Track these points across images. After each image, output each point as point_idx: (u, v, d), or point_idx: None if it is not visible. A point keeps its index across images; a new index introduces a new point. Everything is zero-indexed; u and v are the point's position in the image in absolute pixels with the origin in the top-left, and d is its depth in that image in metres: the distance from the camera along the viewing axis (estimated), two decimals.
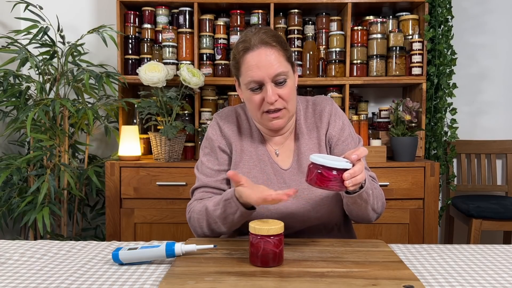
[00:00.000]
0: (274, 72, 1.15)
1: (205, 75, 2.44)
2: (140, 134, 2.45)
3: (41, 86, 2.25)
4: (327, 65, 2.50)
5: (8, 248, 1.14)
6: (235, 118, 1.32)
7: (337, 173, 0.95)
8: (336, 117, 1.28)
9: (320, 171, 0.96)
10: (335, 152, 1.27)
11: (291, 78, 1.20)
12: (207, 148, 1.31)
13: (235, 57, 1.22)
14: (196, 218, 1.22)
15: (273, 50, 1.17)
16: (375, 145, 2.34)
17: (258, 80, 1.16)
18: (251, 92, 1.19)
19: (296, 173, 1.25)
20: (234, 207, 1.10)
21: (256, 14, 2.48)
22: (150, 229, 2.25)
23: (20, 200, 2.22)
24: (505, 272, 0.98)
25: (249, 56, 1.17)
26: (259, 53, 1.16)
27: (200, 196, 1.27)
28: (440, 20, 2.43)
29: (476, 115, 2.83)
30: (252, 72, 1.16)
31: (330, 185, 0.96)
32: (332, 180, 0.95)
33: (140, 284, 0.91)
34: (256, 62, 1.16)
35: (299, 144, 1.27)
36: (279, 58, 1.17)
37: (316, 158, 0.96)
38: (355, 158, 0.97)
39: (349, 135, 1.28)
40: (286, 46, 1.21)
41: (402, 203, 2.24)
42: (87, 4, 2.78)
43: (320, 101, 1.31)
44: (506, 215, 2.31)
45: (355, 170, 0.96)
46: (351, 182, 0.96)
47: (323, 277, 0.89)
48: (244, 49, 1.18)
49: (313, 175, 0.97)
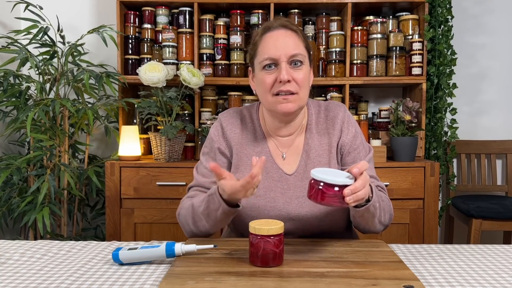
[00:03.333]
0: (291, 52, 1.15)
1: (205, 75, 2.44)
2: (140, 134, 2.45)
3: (41, 86, 2.25)
4: (327, 65, 2.50)
5: (8, 248, 1.14)
6: (240, 120, 1.30)
7: (338, 189, 0.93)
8: (349, 125, 1.27)
9: (321, 187, 0.94)
10: (346, 160, 1.26)
11: (306, 65, 1.19)
12: (206, 147, 1.31)
13: (254, 39, 1.22)
14: (183, 214, 1.21)
15: (293, 33, 1.18)
16: (375, 145, 2.34)
17: (274, 58, 1.15)
18: (264, 71, 1.17)
19: (301, 179, 1.23)
20: (217, 203, 1.08)
21: (256, 14, 2.48)
22: (150, 229, 2.25)
23: (20, 200, 2.22)
24: (505, 272, 0.98)
25: (268, 36, 1.18)
26: (278, 33, 1.18)
27: (192, 194, 1.26)
28: (440, 20, 2.43)
29: (476, 115, 2.83)
30: (269, 50, 1.16)
31: (331, 202, 0.94)
32: (333, 196, 0.93)
33: (140, 284, 0.91)
34: (274, 41, 1.17)
35: (308, 148, 1.25)
36: (297, 42, 1.18)
37: (317, 174, 0.94)
38: (356, 172, 0.95)
39: (361, 143, 1.27)
40: (305, 38, 1.22)
41: (402, 203, 2.24)
42: (87, 4, 2.78)
43: (333, 107, 1.29)
44: (506, 215, 2.31)
45: (356, 186, 0.94)
46: (352, 198, 0.93)
47: (323, 277, 0.89)
48: (264, 30, 1.19)
49: (313, 191, 0.95)
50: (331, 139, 1.26)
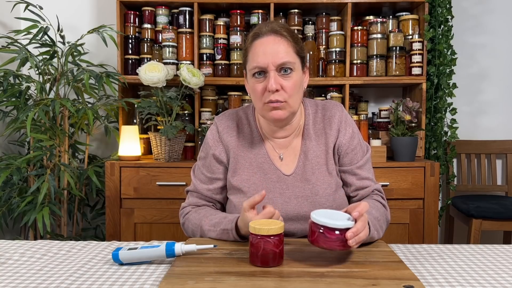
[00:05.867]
0: (279, 60, 1.13)
1: (205, 75, 2.44)
2: (140, 134, 2.45)
3: (41, 86, 2.25)
4: (327, 65, 2.50)
5: (8, 248, 1.14)
6: (236, 123, 1.29)
7: (339, 233, 0.93)
8: (346, 125, 1.26)
9: (322, 230, 0.93)
10: (344, 161, 1.26)
11: (297, 72, 1.17)
12: (203, 152, 1.31)
13: (245, 45, 1.22)
14: (191, 229, 1.24)
15: (282, 39, 1.16)
16: (375, 145, 2.34)
17: (262, 66, 1.14)
18: (255, 79, 1.17)
19: (299, 179, 1.23)
20: (231, 237, 1.12)
21: (256, 14, 2.48)
22: (150, 229, 2.25)
23: (20, 200, 2.22)
24: (505, 272, 0.98)
25: (257, 43, 1.16)
26: (267, 40, 1.16)
27: (194, 202, 1.29)
28: (440, 20, 2.43)
29: (476, 115, 2.83)
30: (258, 58, 1.15)
31: (334, 246, 0.93)
32: (336, 240, 0.93)
33: (140, 284, 0.91)
34: (263, 49, 1.15)
35: (306, 148, 1.25)
36: (287, 49, 1.15)
37: (317, 217, 0.94)
38: (356, 215, 0.95)
39: (358, 143, 1.27)
40: (297, 40, 1.19)
41: (402, 203, 2.24)
42: (87, 4, 2.78)
43: (330, 106, 1.29)
44: (506, 215, 2.31)
45: (357, 228, 0.94)
46: (354, 241, 0.93)
47: (323, 277, 0.89)
48: (254, 36, 1.18)
49: (315, 236, 0.94)
50: (328, 139, 1.26)
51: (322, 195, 1.21)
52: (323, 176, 1.23)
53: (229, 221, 1.12)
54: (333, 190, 1.23)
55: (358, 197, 1.26)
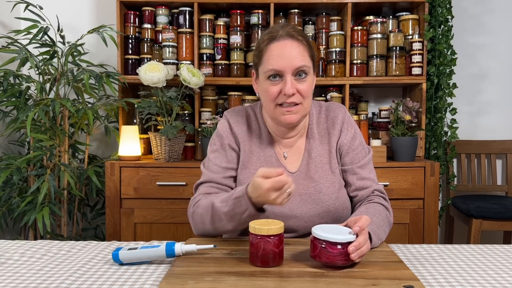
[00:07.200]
0: (296, 64, 1.15)
1: (205, 75, 2.44)
2: (140, 134, 2.45)
3: (41, 86, 2.25)
4: (327, 65, 2.50)
5: (8, 248, 1.14)
6: (245, 118, 1.31)
7: (341, 247, 0.92)
8: (348, 126, 1.29)
9: (324, 245, 0.93)
10: (345, 160, 1.27)
11: (311, 75, 1.20)
12: (215, 145, 1.30)
13: (259, 46, 1.21)
14: (200, 213, 1.18)
15: (299, 43, 1.17)
16: (375, 145, 2.35)
17: (279, 70, 1.15)
18: (269, 82, 1.17)
19: (304, 177, 1.25)
20: (244, 206, 1.06)
21: (256, 14, 2.48)
22: (150, 229, 2.25)
23: (20, 200, 2.22)
24: (505, 272, 0.98)
25: (273, 46, 1.17)
26: (284, 44, 1.16)
27: (205, 191, 1.24)
28: (440, 20, 2.43)
29: (476, 115, 2.83)
30: (274, 61, 1.15)
31: (336, 261, 0.93)
32: (338, 255, 0.92)
33: (140, 284, 0.91)
34: (279, 52, 1.15)
35: (310, 148, 1.27)
36: (303, 53, 1.17)
37: (319, 232, 0.94)
38: (357, 230, 0.95)
39: (360, 144, 1.29)
40: (311, 45, 1.21)
41: (402, 203, 2.24)
42: (87, 4, 2.78)
43: (334, 107, 1.31)
44: (506, 215, 2.31)
45: (359, 241, 0.93)
46: (357, 255, 0.93)
47: (323, 277, 0.89)
48: (270, 39, 1.18)
49: (317, 251, 0.94)
50: (331, 139, 1.28)
51: (325, 193, 1.22)
52: (326, 175, 1.25)
53: (241, 189, 1.08)
54: (336, 188, 1.24)
55: (358, 197, 1.26)
